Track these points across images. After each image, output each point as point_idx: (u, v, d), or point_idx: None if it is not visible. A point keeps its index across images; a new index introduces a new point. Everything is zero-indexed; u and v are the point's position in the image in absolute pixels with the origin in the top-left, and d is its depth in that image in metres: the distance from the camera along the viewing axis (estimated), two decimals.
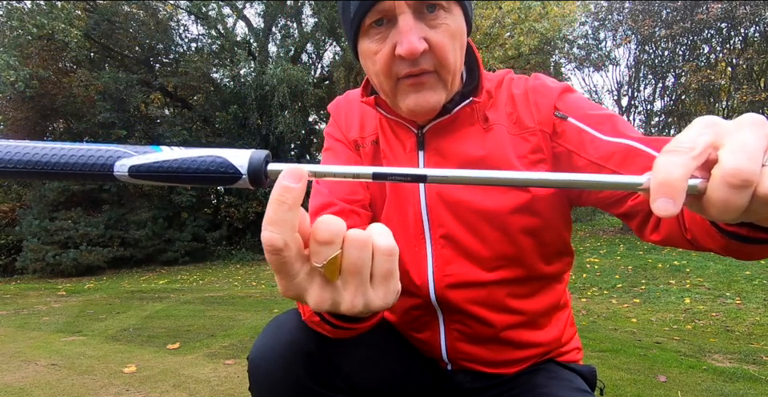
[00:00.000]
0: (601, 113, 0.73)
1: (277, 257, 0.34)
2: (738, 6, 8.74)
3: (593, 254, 7.15)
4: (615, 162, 0.67)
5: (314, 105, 12.16)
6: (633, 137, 0.67)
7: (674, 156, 0.31)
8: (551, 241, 0.79)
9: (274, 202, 0.33)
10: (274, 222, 0.33)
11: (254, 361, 0.70)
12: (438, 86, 0.71)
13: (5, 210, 11.27)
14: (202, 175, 0.37)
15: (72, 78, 10.76)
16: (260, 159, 0.37)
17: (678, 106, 11.50)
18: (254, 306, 4.60)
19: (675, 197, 0.30)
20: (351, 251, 0.35)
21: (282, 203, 0.33)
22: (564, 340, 0.87)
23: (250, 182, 0.37)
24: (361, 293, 0.37)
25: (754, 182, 0.30)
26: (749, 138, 0.31)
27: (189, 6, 11.56)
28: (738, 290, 4.40)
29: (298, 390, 0.68)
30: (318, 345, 0.69)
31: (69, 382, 2.24)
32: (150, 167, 0.37)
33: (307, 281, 0.37)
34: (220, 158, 0.37)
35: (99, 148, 0.38)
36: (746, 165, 0.30)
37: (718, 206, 0.31)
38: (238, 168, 0.36)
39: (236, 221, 11.83)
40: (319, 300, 0.37)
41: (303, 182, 0.34)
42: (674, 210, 0.30)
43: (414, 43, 0.65)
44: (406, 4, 0.65)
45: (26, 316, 4.26)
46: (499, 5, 10.10)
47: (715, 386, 2.08)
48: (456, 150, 0.77)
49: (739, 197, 0.30)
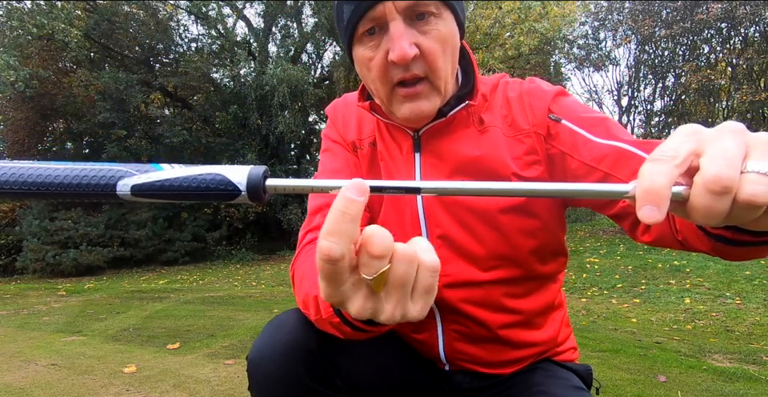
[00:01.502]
0: (594, 116, 0.75)
1: (331, 266, 0.35)
2: (737, 6, 8.73)
3: (593, 254, 7.15)
4: (607, 165, 0.68)
5: (313, 105, 12.16)
6: (625, 140, 0.69)
7: (658, 165, 0.33)
8: (546, 241, 0.80)
9: (337, 212, 0.34)
10: (335, 233, 0.34)
11: (254, 361, 0.69)
12: (431, 94, 0.72)
13: (5, 210, 11.27)
14: (203, 193, 0.38)
15: (72, 78, 10.77)
16: (258, 175, 0.38)
17: (677, 106, 11.50)
18: (254, 306, 4.60)
19: (660, 204, 0.31)
20: (399, 266, 0.36)
21: (345, 214, 0.34)
22: (560, 340, 0.88)
23: (249, 198, 0.38)
24: (402, 305, 0.38)
25: (733, 188, 0.31)
26: (728, 146, 0.32)
27: (189, 6, 11.56)
28: (738, 290, 4.40)
29: (297, 390, 0.68)
30: (318, 344, 0.69)
31: (69, 382, 2.24)
32: (152, 186, 0.38)
33: (353, 290, 0.38)
34: (219, 175, 0.38)
35: (101, 168, 0.39)
36: (726, 172, 0.31)
37: (701, 212, 0.32)
38: (236, 185, 0.38)
39: (236, 221, 11.83)
40: (362, 309, 0.38)
41: (366, 195, 0.35)
42: (659, 217, 0.31)
43: (404, 49, 0.66)
44: (396, 11, 0.67)
45: (26, 316, 4.26)
46: (499, 5, 10.10)
47: (715, 386, 2.08)
48: (452, 152, 0.78)
49: (721, 203, 0.31)
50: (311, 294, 0.63)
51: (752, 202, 0.31)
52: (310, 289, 0.64)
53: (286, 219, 11.00)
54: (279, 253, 11.39)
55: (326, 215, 0.35)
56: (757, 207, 0.32)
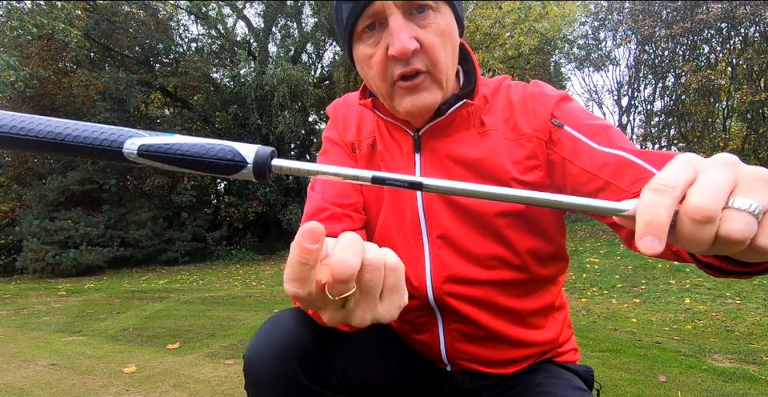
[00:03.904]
0: (597, 123, 0.75)
1: (302, 301, 0.38)
2: (737, 6, 8.74)
3: (593, 254, 7.15)
4: (608, 173, 0.68)
5: (313, 105, 12.16)
6: (626, 148, 0.69)
7: (660, 197, 0.34)
8: (545, 245, 0.80)
9: (296, 264, 0.36)
10: (297, 280, 0.36)
11: (250, 360, 0.69)
12: (432, 87, 0.72)
13: (5, 210, 11.27)
14: (209, 160, 0.38)
15: (72, 78, 10.76)
16: (266, 153, 0.39)
17: (677, 106, 11.51)
18: (254, 306, 4.60)
19: (660, 237, 0.33)
20: (368, 274, 0.38)
21: (303, 264, 0.36)
22: (561, 341, 0.88)
23: (254, 173, 0.39)
24: (371, 308, 0.39)
25: (714, 218, 0.32)
26: (715, 178, 0.34)
27: (189, 6, 11.56)
28: (738, 290, 4.39)
29: (293, 389, 0.68)
30: (314, 344, 0.69)
31: (69, 382, 2.24)
32: (160, 148, 0.38)
33: (323, 304, 0.39)
34: (228, 146, 0.39)
35: (112, 128, 0.39)
36: (707, 203, 0.32)
37: (686, 239, 0.34)
38: (244, 157, 0.38)
39: (236, 221, 11.83)
40: (332, 319, 0.40)
41: (322, 241, 0.36)
42: (659, 249, 0.32)
43: (404, 42, 0.66)
44: (395, 5, 0.67)
45: (26, 316, 4.26)
46: (499, 5, 10.09)
47: (715, 386, 2.08)
48: (452, 153, 0.78)
49: (704, 231, 0.33)
50: None
51: (729, 238, 0.32)
52: None
53: (286, 219, 11.01)
54: (279, 253, 11.40)
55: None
56: (736, 243, 0.33)
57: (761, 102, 9.00)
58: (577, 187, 0.72)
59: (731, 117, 11.31)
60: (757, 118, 10.41)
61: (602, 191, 0.69)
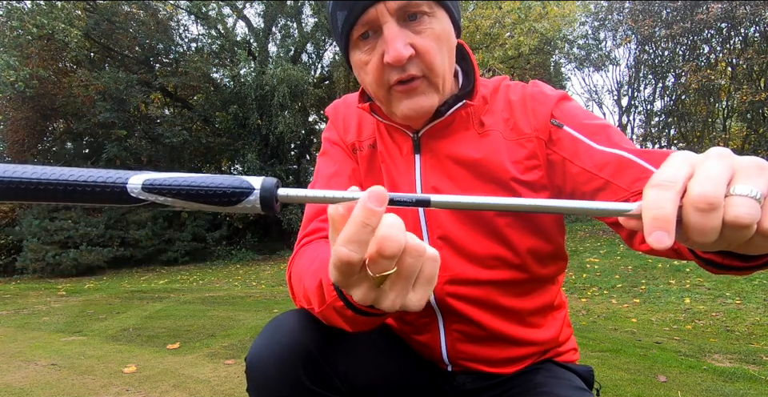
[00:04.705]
0: (596, 123, 0.75)
1: (347, 269, 0.37)
2: (737, 6, 8.74)
3: (593, 254, 7.15)
4: (608, 172, 0.68)
5: (313, 105, 12.16)
6: (626, 148, 0.69)
7: (663, 191, 0.34)
8: (544, 244, 0.80)
9: (358, 223, 0.36)
10: (354, 242, 0.36)
11: (252, 362, 0.69)
12: (429, 91, 0.72)
13: (5, 210, 11.27)
14: (215, 189, 0.38)
15: (72, 78, 10.76)
16: (272, 182, 0.39)
17: (677, 106, 11.51)
18: (254, 306, 4.60)
19: (669, 230, 0.33)
20: (409, 259, 0.38)
21: (366, 225, 0.36)
22: (561, 340, 0.88)
23: (260, 199, 0.38)
24: (403, 294, 0.40)
25: (718, 204, 0.33)
26: (712, 168, 0.35)
27: (189, 6, 11.57)
28: (738, 290, 4.39)
29: (296, 391, 0.68)
30: (317, 346, 0.69)
31: (69, 382, 2.24)
32: (165, 181, 0.38)
33: (358, 281, 0.40)
34: (234, 176, 0.39)
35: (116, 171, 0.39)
36: (709, 190, 0.33)
37: (695, 231, 0.34)
38: (251, 184, 0.38)
39: (236, 221, 11.84)
40: (365, 297, 0.40)
41: (385, 205, 0.36)
42: (669, 242, 0.33)
43: (399, 50, 0.66)
44: (389, 13, 0.67)
45: (26, 316, 4.26)
46: (499, 5, 10.09)
47: (715, 386, 2.08)
48: (452, 153, 0.78)
49: (710, 219, 0.33)
50: (312, 286, 0.63)
51: (737, 223, 0.33)
52: (310, 283, 0.64)
53: (286, 219, 11.01)
54: (279, 253, 11.40)
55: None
56: (744, 228, 0.33)
57: (761, 102, 9.00)
58: (577, 187, 0.72)
59: (731, 117, 11.31)
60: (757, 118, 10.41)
61: (602, 191, 0.69)
